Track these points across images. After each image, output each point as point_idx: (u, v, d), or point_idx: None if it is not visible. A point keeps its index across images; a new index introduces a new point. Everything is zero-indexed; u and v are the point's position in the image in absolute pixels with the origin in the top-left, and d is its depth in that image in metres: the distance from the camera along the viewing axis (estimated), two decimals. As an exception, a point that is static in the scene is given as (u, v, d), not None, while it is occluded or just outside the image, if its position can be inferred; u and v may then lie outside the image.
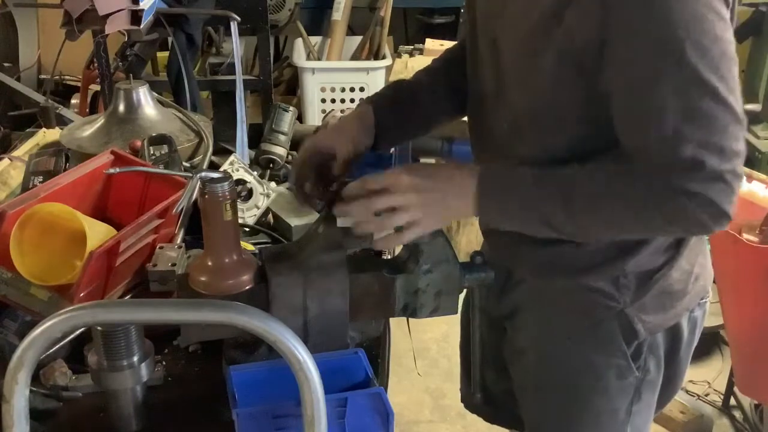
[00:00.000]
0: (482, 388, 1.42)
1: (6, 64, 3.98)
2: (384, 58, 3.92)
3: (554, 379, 1.35)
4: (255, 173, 1.76)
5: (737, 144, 1.02)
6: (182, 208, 1.47)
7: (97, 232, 1.35)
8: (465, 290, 1.32)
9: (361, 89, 3.77)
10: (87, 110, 3.30)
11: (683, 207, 1.03)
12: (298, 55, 3.92)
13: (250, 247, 1.55)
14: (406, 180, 1.13)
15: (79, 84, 3.52)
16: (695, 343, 1.38)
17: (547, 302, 1.32)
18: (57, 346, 1.25)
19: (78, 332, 1.27)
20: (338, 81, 3.77)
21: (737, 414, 2.74)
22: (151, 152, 1.70)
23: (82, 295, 1.27)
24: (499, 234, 1.29)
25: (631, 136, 1.07)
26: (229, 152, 1.89)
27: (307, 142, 1.34)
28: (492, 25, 1.23)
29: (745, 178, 2.29)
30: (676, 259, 1.26)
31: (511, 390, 1.46)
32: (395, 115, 1.39)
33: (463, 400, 1.67)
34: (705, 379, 2.88)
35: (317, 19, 4.23)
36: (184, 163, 1.79)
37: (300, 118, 3.22)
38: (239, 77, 2.02)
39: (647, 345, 1.28)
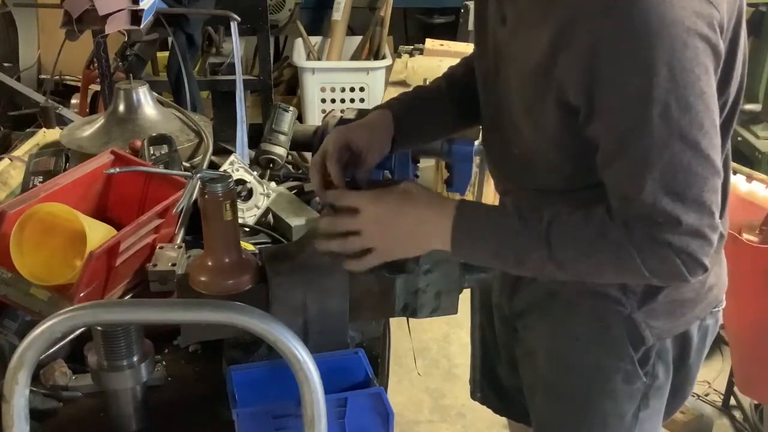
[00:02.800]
0: (495, 383, 1.42)
1: (6, 64, 3.98)
2: (384, 58, 3.92)
3: (562, 381, 1.35)
4: (255, 173, 1.76)
5: (716, 197, 1.04)
6: (182, 208, 1.47)
7: (97, 232, 1.35)
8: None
9: (361, 89, 3.77)
10: (87, 110, 3.30)
11: (662, 258, 1.05)
12: (298, 55, 3.92)
13: (250, 247, 1.55)
14: (371, 211, 1.14)
15: (79, 84, 3.52)
16: (706, 351, 1.38)
17: (557, 304, 1.32)
18: (57, 346, 1.25)
19: (78, 332, 1.27)
20: (338, 81, 3.77)
21: (737, 414, 2.74)
22: (151, 152, 1.70)
23: (82, 295, 1.27)
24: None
25: (613, 185, 1.08)
26: (229, 152, 1.89)
27: (337, 135, 1.29)
28: (501, 51, 1.22)
29: (744, 178, 2.30)
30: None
31: (520, 387, 1.46)
32: (414, 121, 1.39)
33: (472, 396, 1.68)
34: (705, 379, 2.88)
35: (317, 19, 4.24)
36: (184, 163, 1.79)
37: (300, 118, 3.22)
38: (239, 77, 2.02)
39: (656, 351, 1.28)
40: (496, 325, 1.50)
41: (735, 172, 2.32)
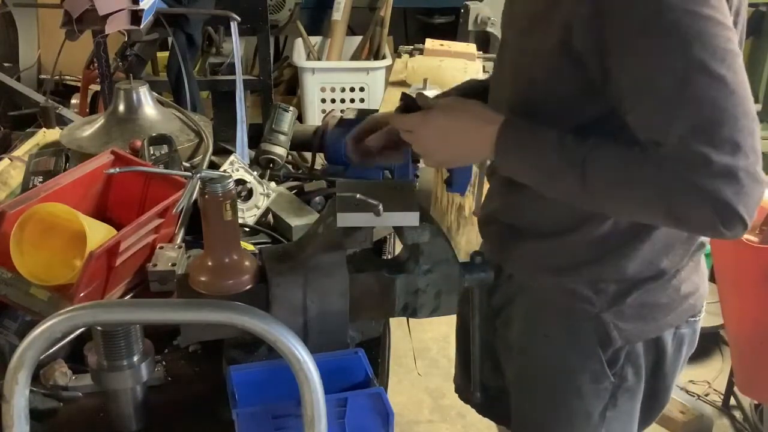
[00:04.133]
0: (481, 384, 1.43)
1: (6, 64, 3.98)
2: (384, 58, 3.92)
3: (534, 377, 1.37)
4: (255, 173, 1.76)
5: (753, 141, 0.96)
6: (182, 208, 1.47)
7: (97, 232, 1.35)
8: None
9: (361, 89, 3.77)
10: (87, 110, 3.30)
11: (693, 204, 0.98)
12: (298, 55, 3.92)
13: (251, 247, 1.55)
14: (425, 128, 1.22)
15: (79, 84, 3.52)
16: (683, 360, 1.37)
17: (531, 299, 1.34)
18: (57, 346, 1.25)
19: (78, 332, 1.27)
20: (338, 81, 3.77)
21: (737, 414, 2.74)
22: (151, 152, 1.70)
23: (82, 295, 1.27)
24: (490, 227, 1.37)
25: (640, 130, 1.03)
26: (229, 152, 1.89)
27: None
28: (505, 28, 1.24)
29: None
30: (663, 275, 1.25)
31: (505, 386, 1.47)
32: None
33: (457, 392, 1.68)
34: (705, 379, 2.88)
35: (317, 19, 4.24)
36: (184, 163, 1.79)
37: (300, 118, 3.22)
38: (239, 77, 2.01)
39: (625, 353, 1.28)
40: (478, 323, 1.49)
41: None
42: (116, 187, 1.57)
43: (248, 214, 1.72)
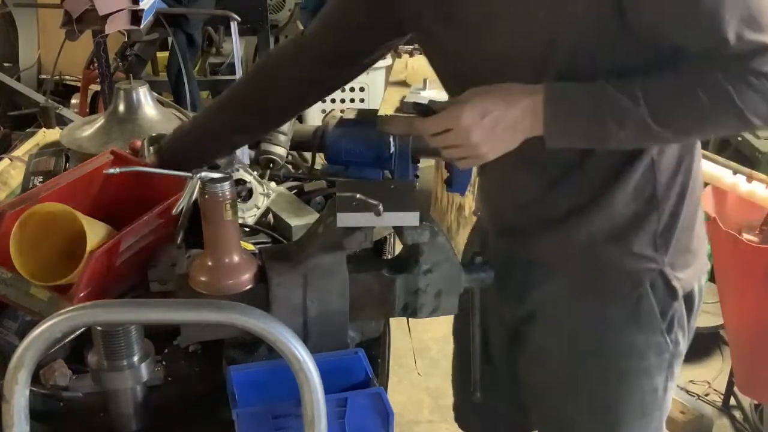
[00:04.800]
0: (477, 405, 1.41)
1: (6, 64, 3.98)
2: (384, 58, 3.92)
3: (587, 372, 1.32)
4: (255, 173, 1.76)
5: None
6: (182, 208, 1.47)
7: (97, 233, 1.35)
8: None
9: (361, 89, 3.77)
10: (87, 110, 3.30)
11: (760, 91, 1.02)
12: (298, 55, 3.91)
13: (251, 247, 1.55)
14: (466, 120, 1.09)
15: (79, 84, 3.51)
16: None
17: (579, 291, 1.29)
18: (57, 346, 1.25)
19: (78, 332, 1.27)
20: (338, 81, 3.77)
21: (737, 414, 2.74)
22: (151, 152, 1.70)
23: (82, 295, 1.27)
24: (518, 227, 1.32)
25: (696, 46, 1.04)
26: (229, 152, 1.88)
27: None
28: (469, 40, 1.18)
29: (745, 178, 2.30)
30: (687, 223, 1.27)
31: (516, 406, 1.45)
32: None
33: (455, 410, 1.66)
34: (705, 379, 2.88)
35: (317, 19, 4.23)
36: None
37: (300, 118, 3.22)
38: (239, 77, 2.01)
39: (677, 317, 1.29)
40: (491, 338, 1.46)
41: (735, 172, 2.32)
42: (115, 187, 1.56)
43: (248, 214, 1.72)
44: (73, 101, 3.48)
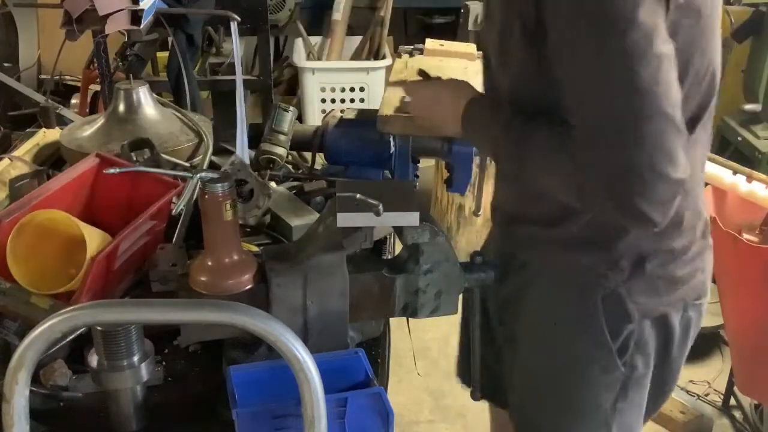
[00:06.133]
0: (482, 368, 1.45)
1: (6, 64, 3.97)
2: (384, 58, 3.92)
3: (541, 368, 1.37)
4: (255, 173, 1.76)
5: (656, 139, 1.02)
6: (182, 209, 1.47)
7: (94, 238, 1.35)
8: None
9: (361, 89, 3.77)
10: (87, 110, 3.29)
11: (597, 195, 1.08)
12: (298, 55, 3.92)
13: (253, 248, 1.55)
14: (419, 92, 1.44)
15: (79, 84, 3.51)
16: (689, 346, 1.38)
17: (543, 286, 1.33)
18: (57, 346, 1.25)
19: (78, 332, 1.27)
20: (338, 81, 3.77)
21: (737, 414, 2.74)
22: (134, 158, 1.68)
23: (84, 301, 1.26)
24: (498, 217, 1.44)
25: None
26: (229, 152, 1.88)
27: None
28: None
29: (745, 178, 2.30)
30: (674, 251, 1.27)
31: (503, 375, 1.48)
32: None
33: (459, 375, 1.71)
34: (705, 379, 2.88)
35: (317, 19, 4.23)
36: (184, 163, 1.79)
37: (300, 118, 3.22)
38: (239, 77, 2.01)
39: (634, 341, 1.28)
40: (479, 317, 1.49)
41: (735, 172, 2.32)
42: (103, 190, 1.56)
43: (249, 214, 1.72)
44: (73, 101, 3.47)
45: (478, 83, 1.68)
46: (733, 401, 2.76)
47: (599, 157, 1.05)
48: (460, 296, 1.35)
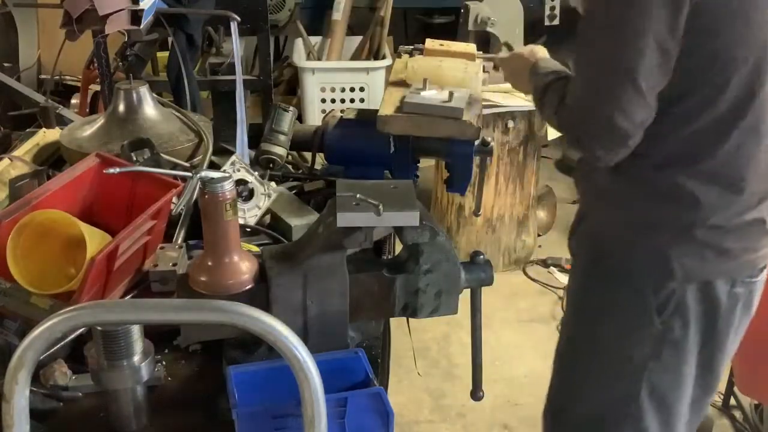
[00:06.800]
0: None
1: (6, 64, 3.97)
2: (384, 58, 3.92)
3: (578, 316, 1.50)
4: (256, 173, 1.76)
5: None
6: (182, 209, 1.47)
7: (93, 238, 1.35)
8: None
9: (361, 89, 3.77)
10: (87, 110, 3.29)
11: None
12: (298, 55, 3.91)
13: (253, 248, 1.55)
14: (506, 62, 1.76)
15: (79, 84, 3.51)
16: (736, 323, 1.44)
17: (594, 240, 1.46)
18: (57, 346, 1.25)
19: (78, 332, 1.27)
20: (338, 81, 3.77)
21: (737, 414, 2.74)
22: (134, 158, 1.68)
23: (84, 301, 1.26)
24: (577, 181, 1.59)
25: None
26: (229, 152, 1.88)
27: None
28: None
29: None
30: (726, 224, 1.34)
31: None
32: None
33: None
34: (705, 379, 2.87)
35: (317, 19, 4.23)
36: (184, 163, 1.79)
37: (300, 118, 3.21)
38: (239, 77, 2.01)
39: (675, 301, 1.36)
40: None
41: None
42: (103, 190, 1.56)
43: (249, 214, 1.72)
44: (73, 101, 3.47)
45: (477, 83, 1.69)
46: (733, 401, 2.75)
47: (574, 94, 1.35)
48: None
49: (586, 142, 1.33)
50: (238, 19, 2.00)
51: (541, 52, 1.67)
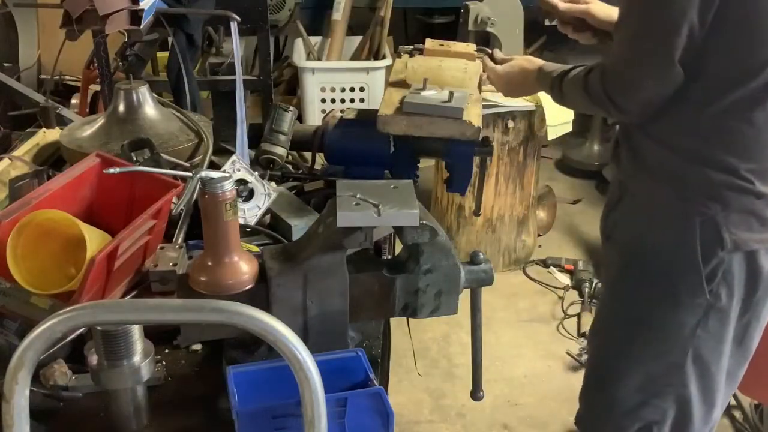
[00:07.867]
0: None
1: (6, 64, 3.97)
2: (384, 58, 3.92)
3: (629, 286, 1.53)
4: (256, 173, 1.76)
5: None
6: (182, 209, 1.47)
7: (93, 238, 1.35)
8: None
9: (361, 89, 3.77)
10: (87, 110, 3.29)
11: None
12: (298, 55, 3.91)
13: (253, 248, 1.55)
14: (498, 74, 1.83)
15: (79, 84, 3.51)
16: None
17: (643, 211, 1.49)
18: (57, 346, 1.25)
19: (78, 332, 1.27)
20: (338, 81, 3.77)
21: (737, 414, 2.74)
22: (134, 158, 1.68)
23: (84, 301, 1.26)
24: (619, 158, 1.61)
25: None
26: (229, 152, 1.88)
27: None
28: None
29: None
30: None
31: None
32: None
33: None
34: (705, 379, 2.87)
35: (317, 19, 4.24)
36: (184, 163, 1.79)
37: (300, 118, 3.21)
38: (239, 77, 2.01)
39: (723, 270, 1.41)
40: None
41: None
42: (103, 190, 1.56)
43: (249, 214, 1.72)
44: (73, 101, 3.47)
45: (477, 83, 1.69)
46: (733, 401, 2.75)
47: (613, 51, 1.42)
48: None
49: (636, 79, 1.37)
50: (238, 19, 2.00)
51: (536, 60, 1.74)
